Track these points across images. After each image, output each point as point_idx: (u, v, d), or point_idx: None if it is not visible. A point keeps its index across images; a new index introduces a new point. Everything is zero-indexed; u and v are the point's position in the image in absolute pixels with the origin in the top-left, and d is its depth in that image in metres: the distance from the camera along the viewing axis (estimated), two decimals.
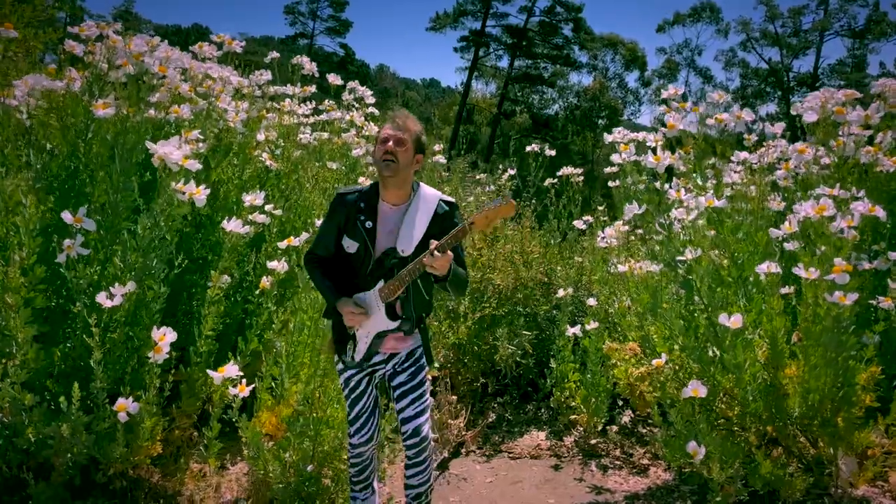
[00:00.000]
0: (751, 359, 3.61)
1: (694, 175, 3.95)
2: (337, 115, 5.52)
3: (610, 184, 5.82)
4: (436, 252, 2.62)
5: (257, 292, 3.99)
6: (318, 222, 3.98)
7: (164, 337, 3.22)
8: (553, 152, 6.86)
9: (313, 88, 5.52)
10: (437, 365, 4.66)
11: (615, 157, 4.45)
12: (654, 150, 3.93)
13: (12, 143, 3.86)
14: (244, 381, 3.17)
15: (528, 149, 6.95)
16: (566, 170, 6.61)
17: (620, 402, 4.98)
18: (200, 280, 4.21)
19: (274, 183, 4.73)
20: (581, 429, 4.78)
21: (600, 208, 6.62)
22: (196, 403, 3.82)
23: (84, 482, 3.45)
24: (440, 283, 2.82)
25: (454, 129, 39.02)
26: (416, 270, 2.74)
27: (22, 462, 3.34)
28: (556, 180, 6.70)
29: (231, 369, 3.13)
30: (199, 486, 3.69)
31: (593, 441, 4.65)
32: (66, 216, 3.22)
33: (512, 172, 6.67)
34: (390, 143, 2.77)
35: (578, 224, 6.33)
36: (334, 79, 5.53)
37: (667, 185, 4.03)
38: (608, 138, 4.40)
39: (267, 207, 3.99)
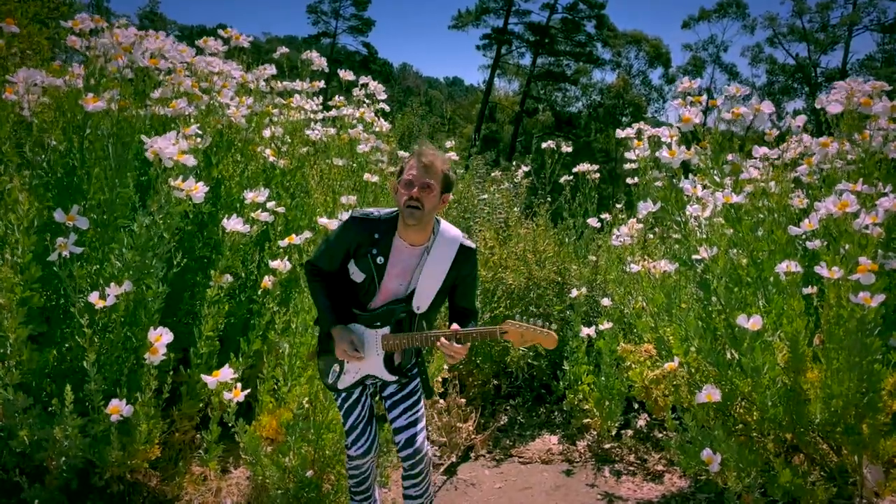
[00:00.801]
0: (770, 362, 3.44)
1: (712, 171, 3.79)
2: (347, 112, 5.42)
3: (629, 181, 5.68)
4: (454, 343, 2.55)
5: (260, 292, 3.90)
6: (322, 220, 3.89)
7: (161, 338, 3.13)
8: (570, 149, 6.71)
9: (322, 83, 5.43)
10: (445, 367, 4.54)
11: (629, 154, 4.31)
12: (668, 146, 3.77)
13: (11, 140, 3.80)
14: (239, 385, 3.06)
15: (545, 146, 6.82)
16: (582, 166, 6.46)
17: (636, 406, 4.83)
18: (203, 279, 4.13)
19: (279, 180, 4.63)
20: (594, 433, 4.63)
21: (618, 206, 6.47)
22: (197, 406, 3.75)
23: (81, 485, 3.39)
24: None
25: (476, 128, 38.88)
26: (428, 342, 2.63)
27: (17, 465, 3.28)
28: (571, 177, 6.55)
29: (226, 373, 3.03)
30: (198, 490, 3.61)
31: (607, 445, 4.50)
32: (59, 214, 3.14)
33: (526, 169, 6.53)
34: (416, 189, 2.55)
35: (592, 222, 6.17)
36: (346, 74, 5.43)
37: (683, 181, 3.88)
38: (620, 133, 4.25)
39: (269, 205, 3.89)
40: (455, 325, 2.64)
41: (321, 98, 5.59)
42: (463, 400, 4.57)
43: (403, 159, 2.78)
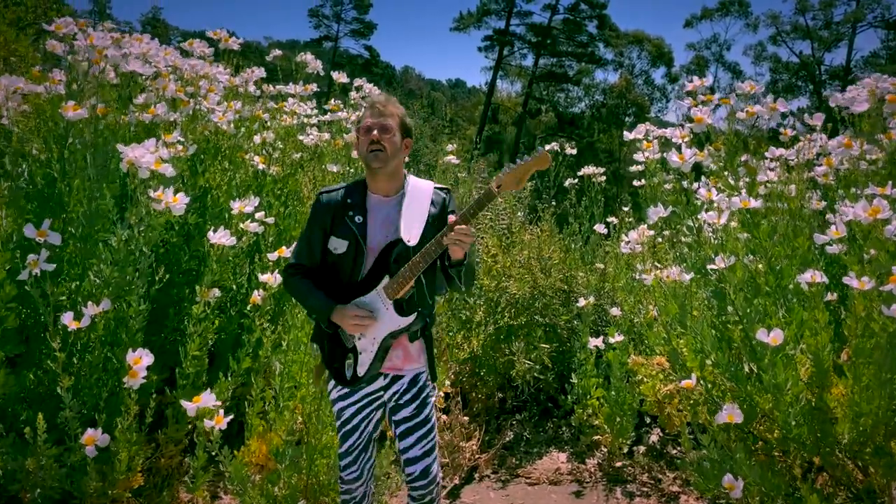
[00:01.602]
0: (792, 378, 3.21)
1: (725, 173, 3.56)
2: (342, 115, 5.20)
3: (635, 183, 5.45)
4: (456, 226, 2.38)
5: (249, 307, 3.69)
6: None
7: (140, 360, 2.92)
8: (574, 150, 6.50)
9: (314, 86, 5.22)
10: (448, 382, 4.33)
11: (638, 156, 4.09)
12: (678, 148, 3.55)
13: None
14: (222, 412, 2.83)
15: (548, 147, 6.60)
16: (587, 169, 6.24)
17: (648, 420, 4.61)
18: (190, 294, 3.92)
19: (271, 188, 4.42)
20: (605, 450, 4.41)
21: (625, 209, 6.25)
22: (184, 429, 3.54)
23: None
24: (455, 269, 2.50)
25: (479, 129, 38.71)
26: (431, 252, 2.44)
27: None
28: (577, 180, 6.34)
29: (207, 398, 2.80)
30: None
31: (618, 464, 4.27)
32: (29, 230, 2.93)
33: None
34: (375, 132, 2.52)
35: (599, 228, 5.94)
36: (339, 76, 5.22)
37: (695, 185, 3.66)
38: (628, 135, 4.02)
39: (258, 215, 3.68)
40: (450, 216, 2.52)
41: (317, 102, 5.38)
42: (466, 418, 4.34)
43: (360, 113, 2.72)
